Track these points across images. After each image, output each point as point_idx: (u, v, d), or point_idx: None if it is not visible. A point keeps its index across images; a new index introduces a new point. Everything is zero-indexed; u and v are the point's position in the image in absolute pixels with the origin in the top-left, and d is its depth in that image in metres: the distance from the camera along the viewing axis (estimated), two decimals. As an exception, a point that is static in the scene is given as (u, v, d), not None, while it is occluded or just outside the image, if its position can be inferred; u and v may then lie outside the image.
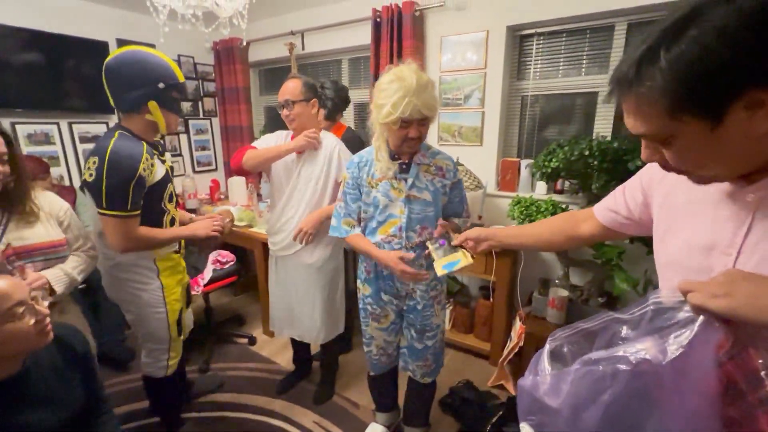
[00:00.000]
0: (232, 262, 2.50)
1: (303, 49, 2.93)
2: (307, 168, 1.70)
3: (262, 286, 2.47)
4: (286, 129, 1.79)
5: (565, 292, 1.87)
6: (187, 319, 1.72)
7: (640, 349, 0.49)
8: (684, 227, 0.64)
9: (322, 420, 1.86)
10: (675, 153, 0.53)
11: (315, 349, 2.17)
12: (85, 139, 2.80)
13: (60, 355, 0.93)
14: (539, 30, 2.19)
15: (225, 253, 2.52)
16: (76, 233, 1.34)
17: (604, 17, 2.00)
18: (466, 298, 2.48)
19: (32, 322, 0.77)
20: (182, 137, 3.39)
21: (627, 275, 1.76)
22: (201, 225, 1.52)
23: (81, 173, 2.80)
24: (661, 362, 0.47)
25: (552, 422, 0.56)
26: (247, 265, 3.15)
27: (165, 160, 1.47)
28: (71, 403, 0.93)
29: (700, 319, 0.48)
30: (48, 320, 0.81)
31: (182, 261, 1.61)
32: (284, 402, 1.97)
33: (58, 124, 2.66)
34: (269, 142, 1.81)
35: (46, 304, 0.83)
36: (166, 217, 1.45)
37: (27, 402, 0.84)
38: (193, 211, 2.84)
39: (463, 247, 1.19)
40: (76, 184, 2.74)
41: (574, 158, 1.78)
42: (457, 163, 1.79)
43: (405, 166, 1.33)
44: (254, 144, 1.80)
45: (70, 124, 2.71)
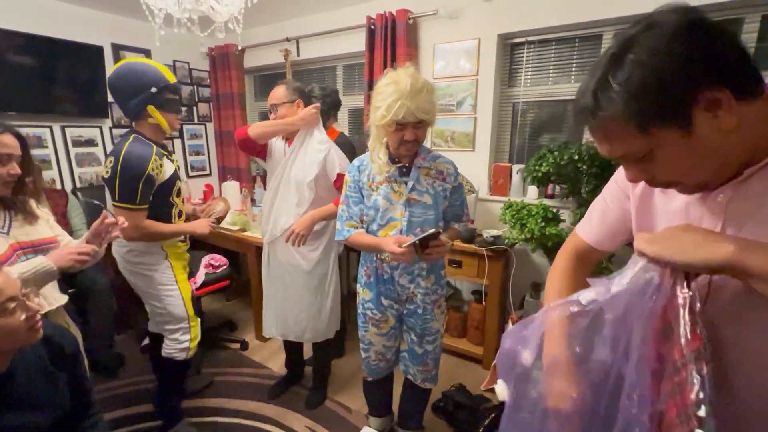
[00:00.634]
0: (224, 266, 2.49)
1: (298, 55, 2.96)
2: (297, 162, 1.72)
3: (255, 290, 2.46)
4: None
5: (556, 295, 1.89)
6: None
7: (590, 292, 0.58)
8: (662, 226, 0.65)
9: (314, 425, 1.84)
10: (660, 165, 0.54)
11: (308, 354, 2.16)
12: (77, 143, 2.79)
13: (48, 354, 0.92)
14: (529, 38, 2.24)
15: (218, 257, 2.51)
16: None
17: (591, 27, 2.06)
18: (459, 302, 2.49)
19: (23, 318, 0.77)
20: (176, 142, 3.39)
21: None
22: (200, 224, 1.69)
23: (73, 177, 2.78)
24: (605, 297, 0.55)
25: (524, 374, 0.63)
26: (240, 269, 3.14)
27: (173, 159, 1.64)
28: (58, 404, 0.92)
29: (641, 262, 0.54)
30: (38, 317, 0.81)
31: (186, 253, 1.76)
32: (276, 407, 1.96)
33: (51, 127, 2.65)
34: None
35: (37, 301, 0.82)
36: (174, 210, 1.62)
37: (12, 403, 0.83)
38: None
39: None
40: (68, 188, 2.73)
41: (564, 163, 1.82)
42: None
43: (405, 170, 1.34)
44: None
45: (63, 127, 2.70)
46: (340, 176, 1.70)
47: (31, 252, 1.18)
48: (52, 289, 1.26)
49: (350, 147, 2.08)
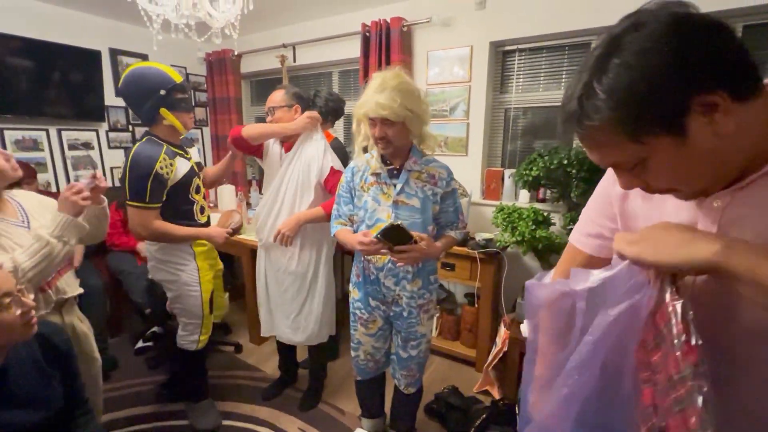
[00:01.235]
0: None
1: (294, 61, 3.00)
2: (293, 165, 1.75)
3: (250, 294, 2.47)
4: None
5: (547, 298, 1.91)
6: (224, 301, 1.97)
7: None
8: None
9: (307, 427, 1.85)
10: (654, 173, 0.51)
11: (302, 357, 2.17)
12: (73, 146, 2.80)
13: (41, 351, 0.93)
14: (521, 46, 2.30)
15: None
16: None
17: (580, 35, 2.11)
18: (452, 305, 2.51)
19: (18, 313, 0.78)
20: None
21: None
22: (215, 230, 1.70)
23: (68, 180, 2.79)
24: (577, 288, 0.56)
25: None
26: (235, 273, 3.14)
27: (190, 157, 1.68)
28: (51, 401, 0.93)
29: (623, 263, 0.53)
30: (33, 312, 0.82)
31: (214, 250, 1.84)
32: (269, 409, 1.96)
33: (47, 130, 2.66)
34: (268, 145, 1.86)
35: (31, 297, 0.84)
36: (195, 207, 1.68)
37: (5, 399, 0.84)
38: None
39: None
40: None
41: (554, 167, 1.86)
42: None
43: (396, 172, 1.36)
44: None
45: (59, 130, 2.72)
46: (335, 172, 1.72)
47: None
48: (69, 276, 1.29)
49: (343, 152, 2.11)
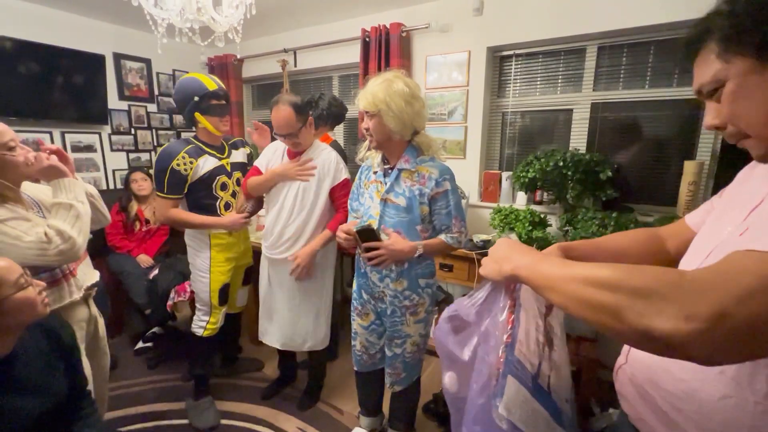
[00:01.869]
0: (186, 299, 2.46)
1: (295, 66, 3.05)
2: (306, 186, 1.72)
3: (250, 294, 2.49)
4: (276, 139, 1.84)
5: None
6: (240, 296, 2.11)
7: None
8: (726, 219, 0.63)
9: (306, 426, 1.86)
10: (726, 101, 0.53)
11: (301, 357, 2.18)
12: (77, 149, 2.84)
13: (46, 342, 0.95)
14: (517, 51, 2.34)
15: (185, 287, 2.48)
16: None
17: (576, 41, 2.15)
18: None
19: (37, 291, 0.82)
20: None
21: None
22: (229, 218, 1.83)
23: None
24: (459, 311, 0.70)
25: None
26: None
27: (222, 157, 1.84)
28: (54, 392, 0.95)
29: (488, 284, 0.68)
30: (45, 293, 0.86)
31: (241, 245, 1.96)
32: (268, 408, 1.97)
33: (51, 133, 2.70)
34: (267, 156, 1.84)
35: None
36: (219, 202, 1.83)
37: (11, 386, 0.86)
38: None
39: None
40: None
41: (550, 169, 1.89)
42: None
43: (390, 171, 1.39)
44: (256, 162, 1.85)
45: (63, 133, 2.75)
46: (347, 183, 1.76)
47: None
48: (86, 265, 1.34)
49: (342, 155, 2.14)
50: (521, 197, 2.32)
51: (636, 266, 0.47)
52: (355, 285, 1.55)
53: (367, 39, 2.58)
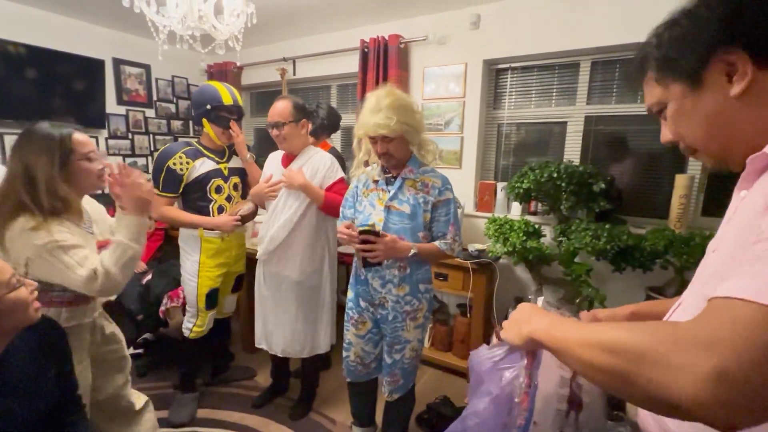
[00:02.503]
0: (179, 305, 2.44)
1: (294, 74, 3.08)
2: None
3: (243, 302, 2.47)
4: (276, 149, 1.87)
5: (538, 308, 1.94)
6: (228, 303, 2.10)
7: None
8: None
9: (297, 436, 1.84)
10: (670, 120, 0.57)
11: (294, 365, 2.16)
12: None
13: (37, 345, 0.94)
14: (513, 65, 2.39)
15: (178, 293, 2.47)
16: None
17: (570, 55, 2.21)
18: (445, 315, 2.53)
19: (29, 291, 0.81)
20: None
21: (595, 291, 1.85)
22: (221, 219, 1.85)
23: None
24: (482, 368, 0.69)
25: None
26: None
27: (220, 161, 1.88)
28: (45, 395, 0.93)
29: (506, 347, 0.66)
30: (36, 294, 0.85)
31: (233, 251, 1.97)
32: (260, 417, 1.94)
33: (47, 136, 2.69)
34: (268, 164, 1.89)
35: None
36: (212, 205, 1.86)
37: (2, 389, 0.85)
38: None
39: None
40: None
41: (544, 180, 1.92)
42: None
43: (393, 179, 1.44)
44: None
45: (59, 136, 2.74)
46: (342, 181, 1.78)
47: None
48: None
49: (341, 160, 2.16)
50: (516, 207, 2.35)
51: (639, 325, 0.45)
52: (351, 294, 1.54)
53: (366, 50, 2.62)
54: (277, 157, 1.87)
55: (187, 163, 1.78)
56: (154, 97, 3.31)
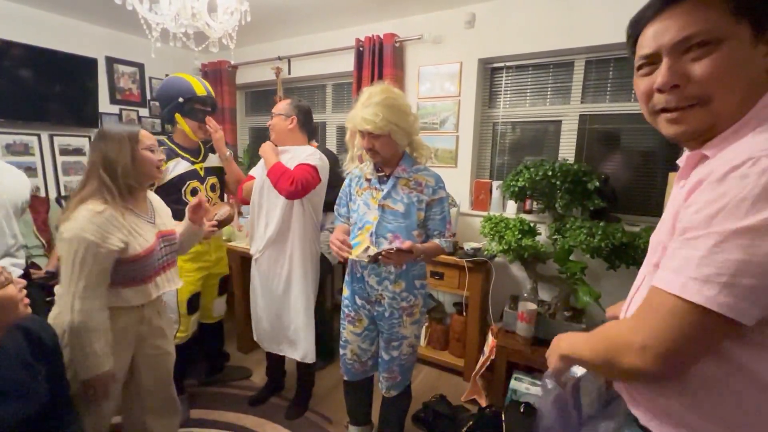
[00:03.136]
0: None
1: (289, 73, 3.07)
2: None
3: (238, 301, 2.46)
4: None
5: (533, 306, 1.94)
6: (217, 307, 2.05)
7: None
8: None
9: (293, 435, 1.83)
10: (713, 62, 0.51)
11: (290, 365, 2.15)
12: (65, 152, 2.80)
13: (27, 345, 0.93)
14: (508, 63, 2.39)
15: None
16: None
17: (564, 54, 2.21)
18: (441, 314, 2.53)
19: (18, 288, 0.81)
20: (165, 154, 3.43)
21: (590, 289, 1.85)
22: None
23: (58, 185, 2.78)
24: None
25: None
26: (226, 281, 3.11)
27: (196, 161, 1.79)
28: (37, 395, 0.92)
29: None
30: (25, 291, 0.84)
31: (213, 254, 1.91)
32: (255, 417, 1.93)
33: (39, 135, 2.66)
34: (262, 164, 1.86)
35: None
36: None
37: (-9, 391, 0.84)
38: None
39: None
40: (53, 196, 2.72)
41: (539, 178, 1.92)
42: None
43: (386, 178, 1.43)
44: (251, 171, 1.89)
45: (51, 136, 2.72)
46: (306, 165, 1.69)
47: (166, 240, 1.33)
48: (174, 272, 1.41)
49: (333, 157, 2.17)
50: (511, 206, 2.35)
51: (600, 330, 0.67)
52: (347, 291, 1.54)
53: (361, 49, 2.62)
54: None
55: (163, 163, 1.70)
56: (148, 97, 3.29)
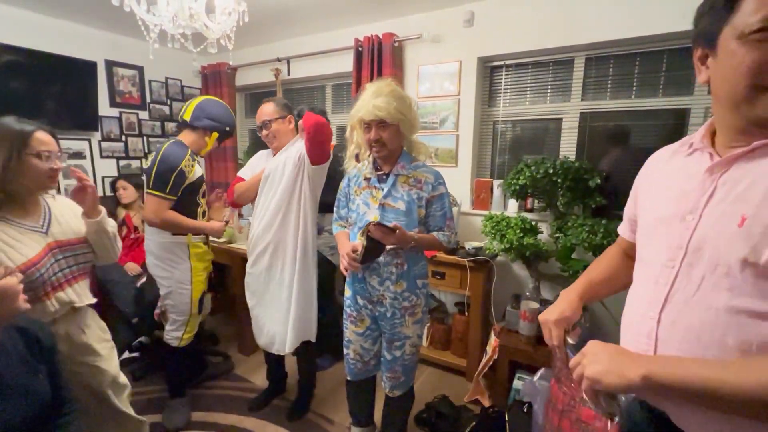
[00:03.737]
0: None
1: (288, 74, 3.07)
2: (274, 175, 1.75)
3: (240, 303, 2.45)
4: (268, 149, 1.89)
5: (536, 305, 1.93)
6: (207, 302, 2.04)
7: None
8: (657, 203, 0.73)
9: (295, 437, 1.82)
10: (713, 67, 0.63)
11: (291, 367, 2.14)
12: (66, 155, 2.80)
13: (25, 345, 0.92)
14: (507, 62, 2.38)
15: None
16: None
17: (564, 52, 2.20)
18: (442, 314, 2.52)
19: (17, 279, 0.82)
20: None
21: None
22: (214, 224, 1.89)
23: (58, 189, 2.78)
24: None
25: None
26: (225, 283, 3.12)
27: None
28: (38, 395, 0.92)
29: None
30: (23, 285, 0.84)
31: (209, 253, 1.95)
32: (257, 419, 1.92)
33: (39, 139, 2.66)
34: (252, 164, 1.91)
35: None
36: (199, 209, 1.86)
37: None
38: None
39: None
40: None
41: (540, 176, 1.91)
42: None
43: (385, 177, 1.42)
44: (240, 172, 1.94)
45: (51, 139, 2.72)
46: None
47: (67, 251, 1.21)
48: (83, 285, 1.29)
49: (333, 156, 2.15)
50: (512, 205, 2.34)
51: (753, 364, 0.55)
52: (349, 292, 1.53)
53: (360, 49, 2.61)
54: (262, 153, 1.92)
55: (192, 166, 1.74)
56: (148, 99, 3.29)
